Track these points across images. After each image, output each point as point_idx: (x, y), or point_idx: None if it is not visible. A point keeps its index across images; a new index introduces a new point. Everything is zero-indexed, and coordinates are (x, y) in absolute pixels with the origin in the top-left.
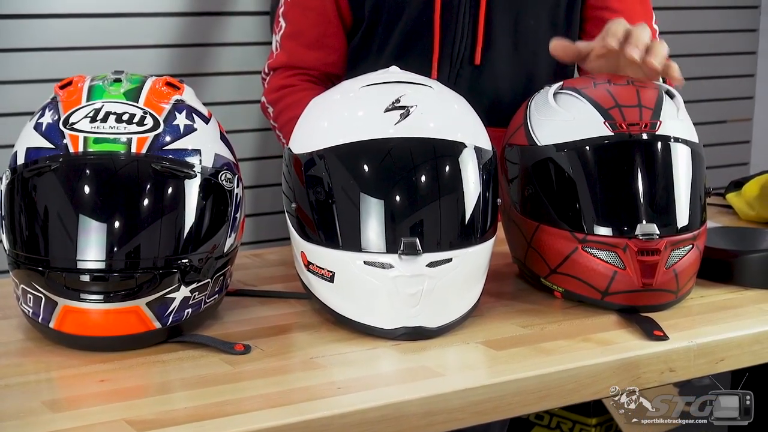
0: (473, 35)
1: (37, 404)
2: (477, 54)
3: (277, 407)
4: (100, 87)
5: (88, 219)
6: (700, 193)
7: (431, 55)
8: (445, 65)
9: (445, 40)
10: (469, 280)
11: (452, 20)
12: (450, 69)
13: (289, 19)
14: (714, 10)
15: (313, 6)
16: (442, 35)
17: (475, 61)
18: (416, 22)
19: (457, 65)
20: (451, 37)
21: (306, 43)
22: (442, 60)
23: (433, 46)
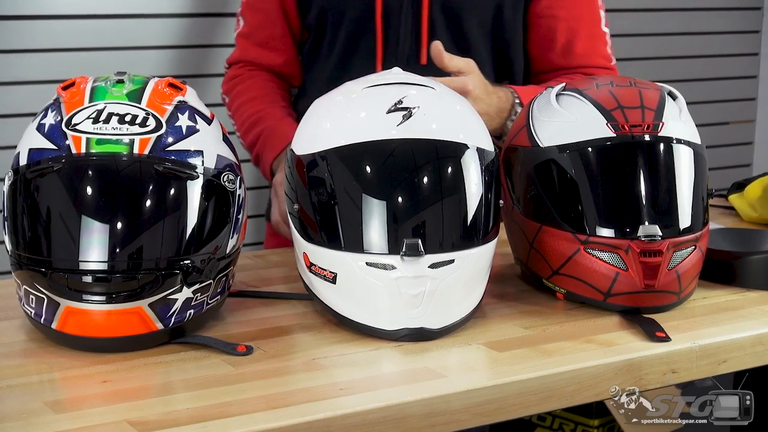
0: (417, 35)
1: (40, 405)
2: (422, 54)
3: (279, 408)
4: (102, 88)
5: (91, 220)
6: (703, 195)
7: (375, 56)
8: (391, 64)
9: (388, 40)
10: (472, 282)
11: (395, 21)
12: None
13: (245, 18)
14: (717, 11)
15: (261, 8)
16: (385, 36)
17: (421, 61)
18: (359, 24)
19: (402, 65)
20: (395, 37)
21: (256, 42)
22: (388, 59)
23: (376, 47)
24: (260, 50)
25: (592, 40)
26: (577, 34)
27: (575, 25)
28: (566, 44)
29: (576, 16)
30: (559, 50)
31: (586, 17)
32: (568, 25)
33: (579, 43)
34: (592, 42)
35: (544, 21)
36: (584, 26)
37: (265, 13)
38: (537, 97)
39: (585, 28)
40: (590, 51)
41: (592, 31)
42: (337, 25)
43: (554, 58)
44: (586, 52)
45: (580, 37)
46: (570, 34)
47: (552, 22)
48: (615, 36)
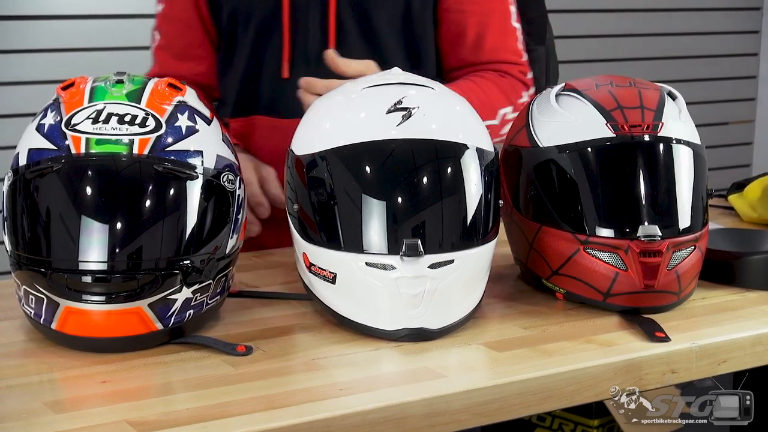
0: (325, 33)
1: (39, 405)
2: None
3: (279, 408)
4: (102, 88)
5: (90, 220)
6: (702, 195)
7: (281, 55)
8: (301, 63)
9: (296, 38)
10: (471, 282)
11: (302, 18)
12: (307, 67)
13: (161, 31)
14: (716, 12)
15: (179, 16)
16: (292, 33)
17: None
18: (266, 24)
19: (313, 63)
20: (303, 35)
21: (175, 54)
22: (297, 58)
23: (284, 46)
24: (180, 62)
25: (502, 35)
26: (487, 29)
27: (485, 19)
28: (476, 39)
29: (486, 11)
30: (470, 45)
31: (496, 12)
32: (478, 20)
33: (489, 38)
34: (503, 37)
35: (453, 16)
36: (494, 21)
37: (182, 21)
38: (537, 97)
39: (495, 23)
40: (500, 46)
41: (503, 26)
42: (246, 27)
43: (464, 53)
44: (496, 47)
45: (490, 32)
46: (480, 28)
47: (462, 17)
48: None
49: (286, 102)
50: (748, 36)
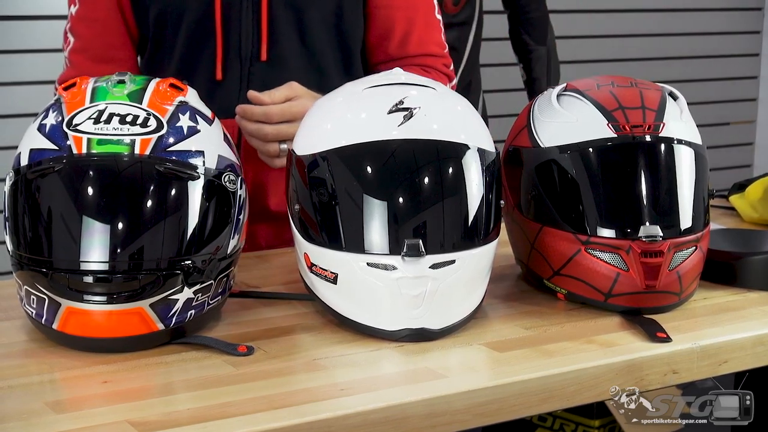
0: (258, 32)
1: (40, 405)
2: (263, 50)
3: (280, 409)
4: (103, 88)
5: (92, 220)
6: (704, 195)
7: (215, 56)
8: (234, 64)
9: (229, 38)
10: (472, 282)
11: (235, 18)
12: (241, 67)
13: (77, 33)
14: (717, 12)
15: (98, 17)
16: (225, 34)
17: (261, 58)
18: (198, 25)
19: (247, 63)
20: (236, 35)
21: (93, 56)
22: (230, 59)
23: (216, 46)
24: (98, 65)
25: (427, 29)
26: (413, 23)
27: (412, 14)
28: (403, 35)
29: (411, 6)
30: (397, 41)
31: (421, 6)
32: (405, 14)
33: (415, 32)
34: (428, 31)
35: (382, 12)
36: (420, 15)
37: (100, 22)
38: (538, 98)
39: (420, 17)
40: (426, 39)
41: (427, 20)
42: (177, 28)
43: (391, 48)
44: (422, 40)
45: (416, 27)
46: (407, 23)
47: (390, 13)
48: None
49: (220, 103)
50: (750, 36)
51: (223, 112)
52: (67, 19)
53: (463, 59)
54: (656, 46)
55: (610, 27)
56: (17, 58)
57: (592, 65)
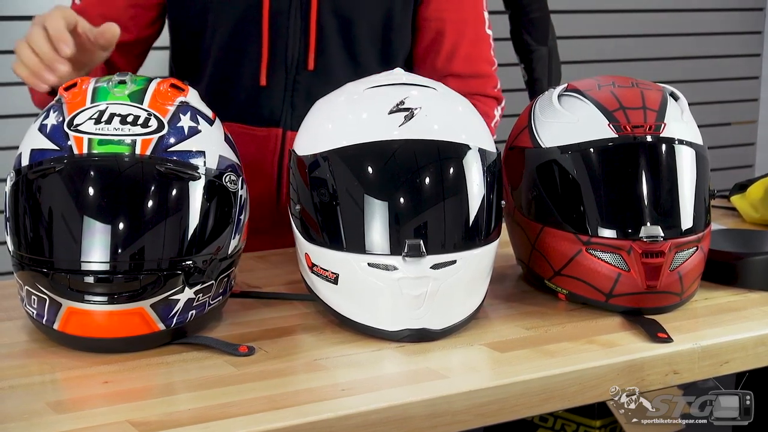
0: (306, 41)
1: (41, 405)
2: (310, 59)
3: (281, 409)
4: (104, 89)
5: (93, 220)
6: (705, 196)
7: (260, 61)
8: (279, 71)
9: (275, 45)
10: (473, 282)
11: (282, 25)
12: (286, 75)
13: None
14: (719, 12)
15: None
16: (271, 39)
17: (308, 67)
18: (244, 28)
19: (293, 71)
20: (282, 41)
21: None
22: (275, 66)
23: (262, 51)
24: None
25: (476, 44)
26: (462, 37)
27: (461, 27)
28: (451, 48)
29: (462, 19)
30: (444, 54)
31: (471, 20)
32: (455, 27)
33: (463, 47)
34: (476, 46)
35: (432, 24)
36: (470, 29)
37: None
38: (539, 98)
39: (470, 31)
40: (474, 55)
41: (477, 35)
42: (218, 29)
43: (438, 62)
44: (470, 56)
45: (464, 41)
46: (456, 37)
47: (440, 25)
48: (618, 37)
49: (261, 110)
50: (751, 36)
51: (267, 119)
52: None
53: None
54: (657, 47)
55: (611, 27)
56: None
57: (593, 65)
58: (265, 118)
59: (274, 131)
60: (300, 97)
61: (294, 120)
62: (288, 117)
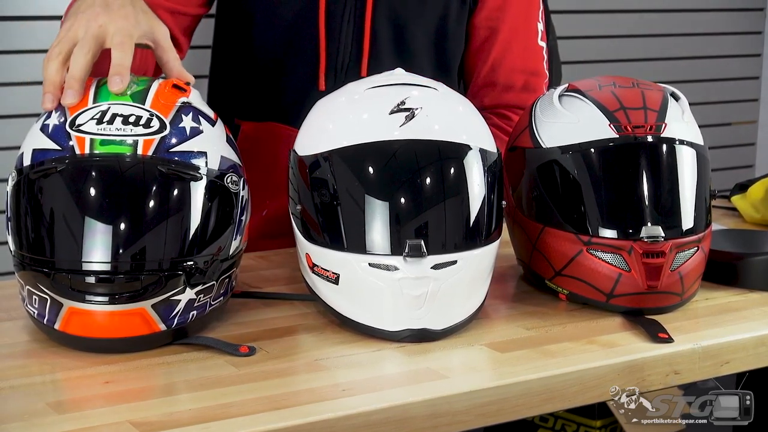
0: (359, 46)
1: (42, 406)
2: (363, 66)
3: (282, 409)
4: (106, 89)
5: (94, 221)
6: (705, 196)
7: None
8: (330, 76)
9: (329, 48)
10: (474, 282)
11: (336, 28)
12: (335, 79)
13: None
14: (719, 12)
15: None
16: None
17: (361, 73)
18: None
19: (342, 76)
20: (334, 47)
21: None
22: (328, 70)
23: (320, 56)
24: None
25: (523, 56)
26: (510, 47)
27: (511, 37)
28: (498, 57)
29: (513, 28)
30: (489, 65)
31: (521, 31)
32: (505, 37)
33: (509, 57)
34: (524, 57)
35: (483, 32)
36: (519, 40)
37: None
38: (540, 98)
39: (519, 42)
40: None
41: (526, 46)
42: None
43: (484, 70)
44: (514, 67)
45: (512, 52)
46: (504, 46)
47: (490, 34)
48: (618, 37)
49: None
50: (752, 37)
51: None
52: None
53: None
54: (658, 47)
55: (611, 27)
56: (17, 58)
57: (594, 65)
58: None
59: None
60: None
61: None
62: None
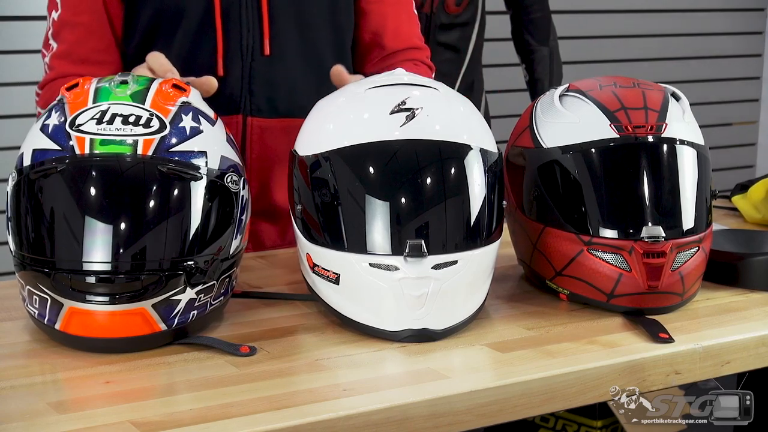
0: (260, 28)
1: (43, 405)
2: (265, 46)
3: (282, 409)
4: (106, 89)
5: (94, 221)
6: (706, 196)
7: (215, 51)
8: (236, 59)
9: (229, 34)
10: (475, 282)
11: (235, 13)
12: (242, 63)
13: (60, 38)
14: (720, 12)
15: (82, 21)
16: (225, 30)
17: (264, 52)
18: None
19: (248, 58)
20: (236, 30)
21: (76, 60)
22: (231, 55)
23: (217, 42)
24: (82, 66)
25: (411, 23)
26: (400, 17)
27: (399, 9)
28: (395, 28)
29: (398, 2)
30: (390, 34)
31: (404, 2)
32: (394, 9)
33: (404, 26)
34: (412, 24)
35: (375, 7)
36: (404, 10)
37: (84, 25)
38: (541, 98)
39: (405, 12)
40: (412, 33)
41: (410, 14)
42: (175, 26)
43: (386, 41)
44: (410, 33)
45: (403, 21)
46: (396, 18)
47: (382, 8)
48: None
49: (221, 99)
50: (752, 37)
51: (227, 108)
52: (49, 25)
53: (466, 59)
54: (659, 47)
55: (612, 28)
56: (17, 58)
57: (595, 66)
58: (225, 107)
59: (234, 118)
60: (258, 83)
61: (253, 106)
62: (247, 103)
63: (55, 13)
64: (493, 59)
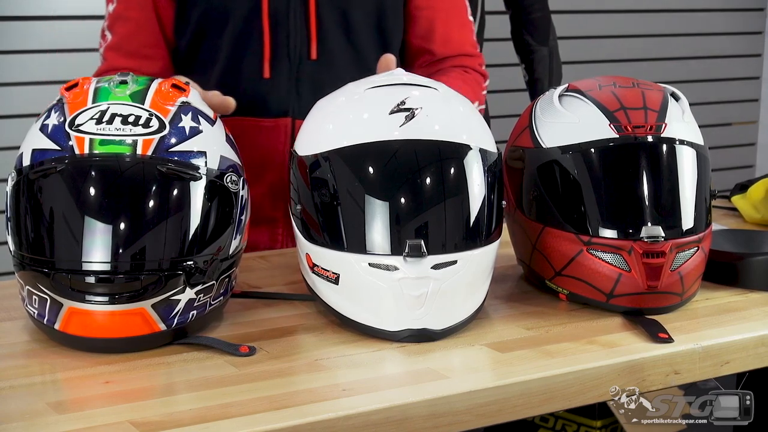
0: (307, 32)
1: (43, 405)
2: (312, 49)
3: (282, 409)
4: (106, 89)
5: (94, 221)
6: (706, 196)
7: (262, 54)
8: (283, 63)
9: (277, 37)
10: (474, 282)
11: (282, 17)
12: (290, 66)
13: (113, 31)
14: (719, 12)
15: (132, 16)
16: (272, 33)
17: (311, 56)
18: (246, 24)
19: (296, 62)
20: (284, 34)
21: (127, 53)
22: (279, 58)
23: (264, 45)
24: (132, 60)
25: (463, 29)
26: (451, 23)
27: (450, 15)
28: (444, 34)
29: (449, 7)
30: (439, 40)
31: (456, 7)
32: (445, 15)
33: (454, 32)
34: (464, 31)
35: (424, 12)
36: (456, 16)
37: (134, 20)
38: (540, 98)
39: (456, 17)
40: (463, 39)
41: (462, 21)
42: (222, 27)
43: (435, 47)
44: (461, 40)
45: (454, 27)
46: (447, 23)
47: (431, 14)
48: (619, 37)
49: (268, 102)
50: (752, 37)
51: (272, 112)
52: (105, 17)
53: None
54: (658, 47)
55: (612, 27)
56: (17, 58)
57: (594, 66)
58: (273, 110)
59: (282, 121)
60: (305, 87)
61: (301, 109)
62: (295, 106)
63: (111, 6)
64: (493, 59)
